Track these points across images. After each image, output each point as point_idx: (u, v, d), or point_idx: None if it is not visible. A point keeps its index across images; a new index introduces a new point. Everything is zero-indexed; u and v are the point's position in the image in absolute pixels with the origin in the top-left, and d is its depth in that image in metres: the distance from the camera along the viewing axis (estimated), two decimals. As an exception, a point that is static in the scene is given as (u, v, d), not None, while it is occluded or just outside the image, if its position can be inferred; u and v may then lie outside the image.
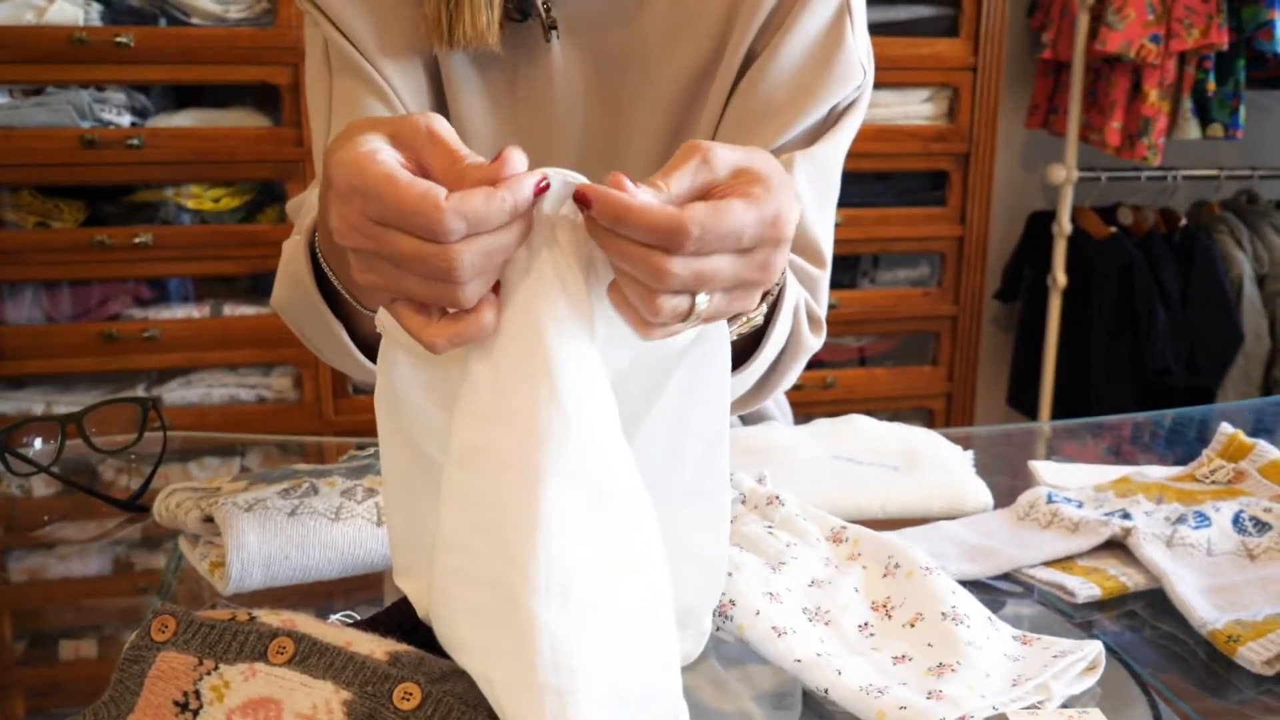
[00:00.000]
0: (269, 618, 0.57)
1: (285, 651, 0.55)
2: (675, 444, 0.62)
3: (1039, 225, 2.67)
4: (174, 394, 2.22)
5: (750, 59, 0.89)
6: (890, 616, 0.73)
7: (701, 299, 0.54)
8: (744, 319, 0.74)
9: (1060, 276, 2.56)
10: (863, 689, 0.64)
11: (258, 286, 2.25)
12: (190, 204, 2.17)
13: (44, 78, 2.10)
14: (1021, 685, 0.66)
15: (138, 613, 1.18)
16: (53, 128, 2.09)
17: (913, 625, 0.71)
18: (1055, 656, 0.68)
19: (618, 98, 0.93)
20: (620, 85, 0.93)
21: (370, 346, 0.79)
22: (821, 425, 1.07)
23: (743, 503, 0.84)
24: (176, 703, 0.55)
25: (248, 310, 2.20)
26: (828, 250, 0.91)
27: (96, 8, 2.11)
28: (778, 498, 0.83)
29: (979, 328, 2.52)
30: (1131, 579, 0.82)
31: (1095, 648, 0.69)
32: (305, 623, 0.57)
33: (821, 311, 0.91)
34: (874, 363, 2.57)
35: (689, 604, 0.66)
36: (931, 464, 0.99)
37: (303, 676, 0.53)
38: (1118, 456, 1.18)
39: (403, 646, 0.57)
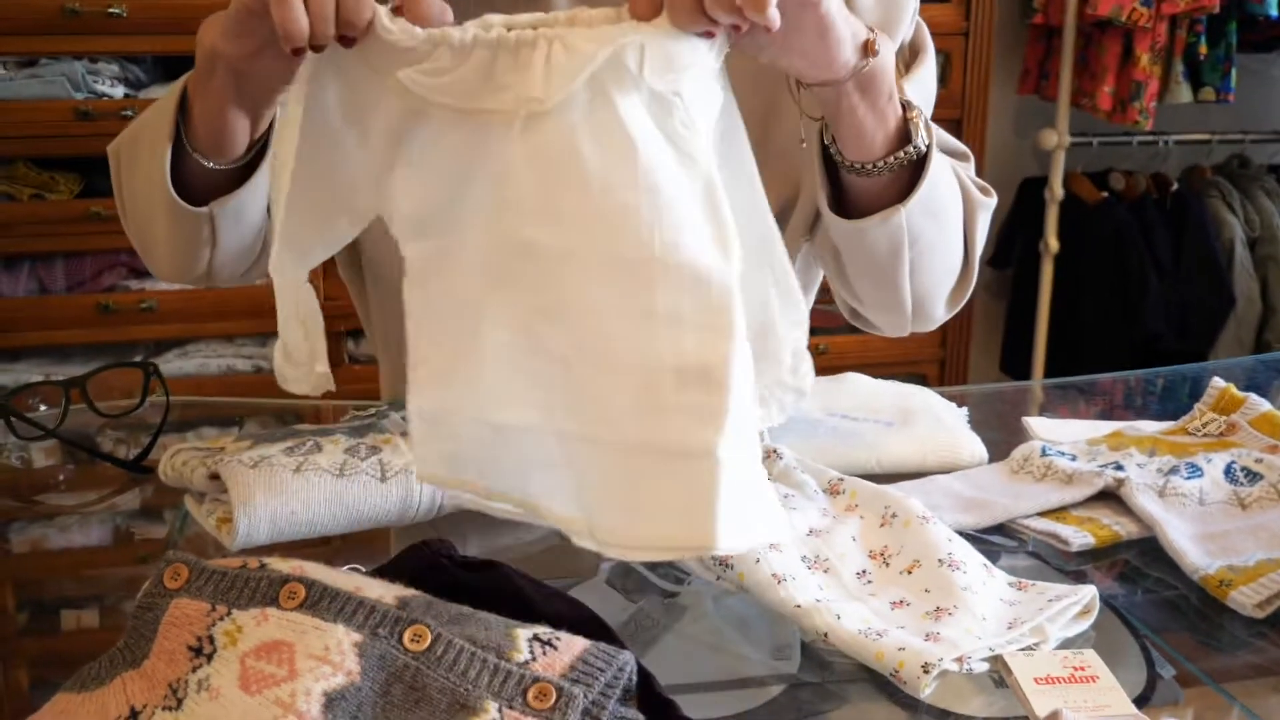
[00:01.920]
0: (279, 564, 0.58)
1: (296, 596, 0.56)
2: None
3: (1031, 191, 2.68)
4: (171, 365, 2.23)
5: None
6: (888, 564, 0.74)
7: None
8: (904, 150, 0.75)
9: (1052, 242, 2.57)
10: (861, 632, 0.65)
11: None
12: (184, 174, 2.17)
13: (37, 49, 2.09)
14: (1017, 628, 0.67)
15: (139, 582, 1.19)
16: (47, 100, 2.09)
17: (910, 572, 0.73)
18: (1050, 600, 0.70)
19: None
20: None
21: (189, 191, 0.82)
22: (818, 383, 1.07)
23: (742, 457, 0.85)
24: (190, 648, 0.56)
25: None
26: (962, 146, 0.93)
27: (88, -23, 2.10)
28: (775, 451, 0.85)
29: (976, 292, 2.53)
30: (1125, 528, 0.83)
31: (1089, 592, 0.71)
32: (315, 569, 0.59)
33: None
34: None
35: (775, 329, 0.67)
36: (926, 419, 1.00)
37: (314, 620, 0.55)
38: (1111, 414, 1.19)
39: (411, 591, 0.58)
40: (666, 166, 0.56)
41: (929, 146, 0.77)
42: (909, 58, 0.92)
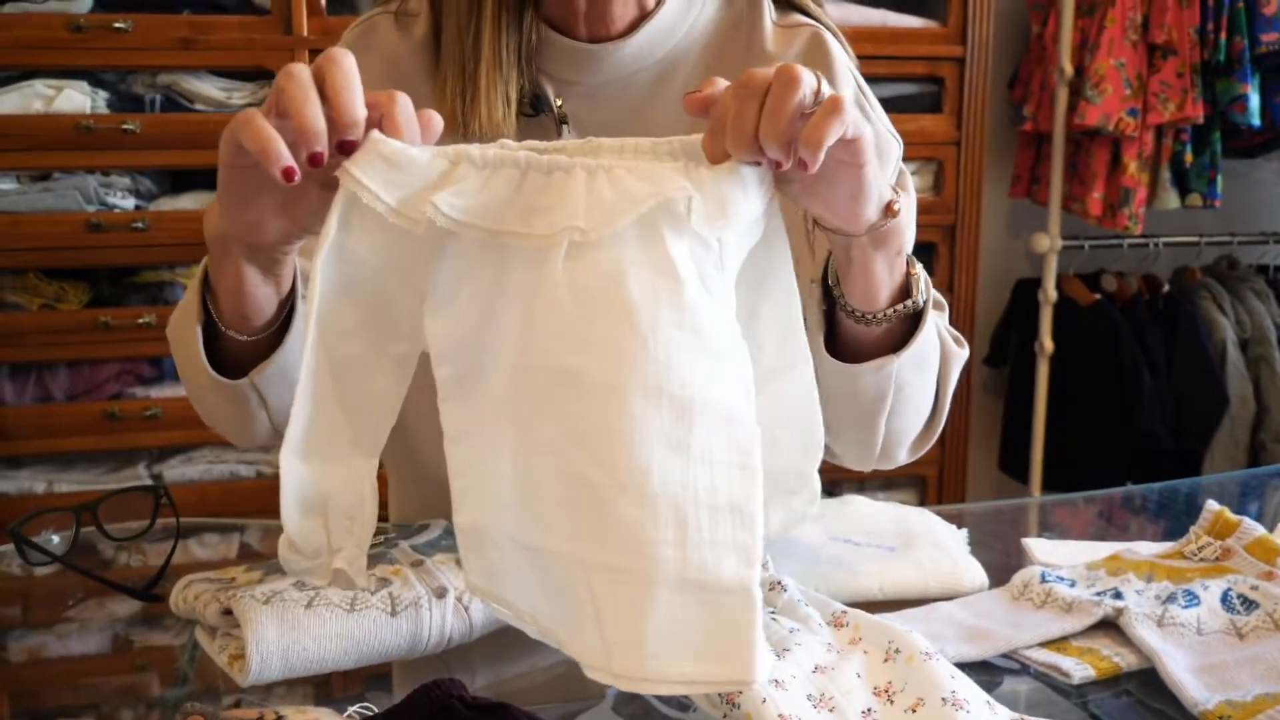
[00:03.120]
0: (296, 716, 0.59)
1: None
2: (751, 334, 0.64)
3: (1025, 292, 2.72)
4: (174, 471, 2.24)
5: None
6: (892, 702, 0.75)
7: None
8: (905, 302, 0.79)
9: (1047, 342, 2.60)
10: (868, 776, 0.66)
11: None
12: (193, 285, 2.21)
13: (51, 164, 2.15)
14: (1021, 769, 0.68)
15: (137, 691, 1.19)
16: (59, 213, 2.13)
17: (914, 710, 0.74)
18: (1052, 740, 0.71)
19: None
20: None
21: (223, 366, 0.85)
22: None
23: (746, 589, 0.86)
24: None
25: (249, 388, 2.23)
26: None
27: (103, 95, 2.16)
28: (779, 584, 0.86)
29: (969, 394, 2.56)
30: (1124, 659, 0.84)
31: (1090, 730, 0.72)
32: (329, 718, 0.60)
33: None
34: (867, 430, 2.60)
35: (794, 466, 0.70)
36: (927, 544, 1.01)
37: None
38: (1109, 525, 1.20)
39: None
40: (706, 306, 0.58)
41: (926, 301, 0.79)
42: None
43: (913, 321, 0.81)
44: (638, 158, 0.60)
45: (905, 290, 0.79)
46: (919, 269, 0.80)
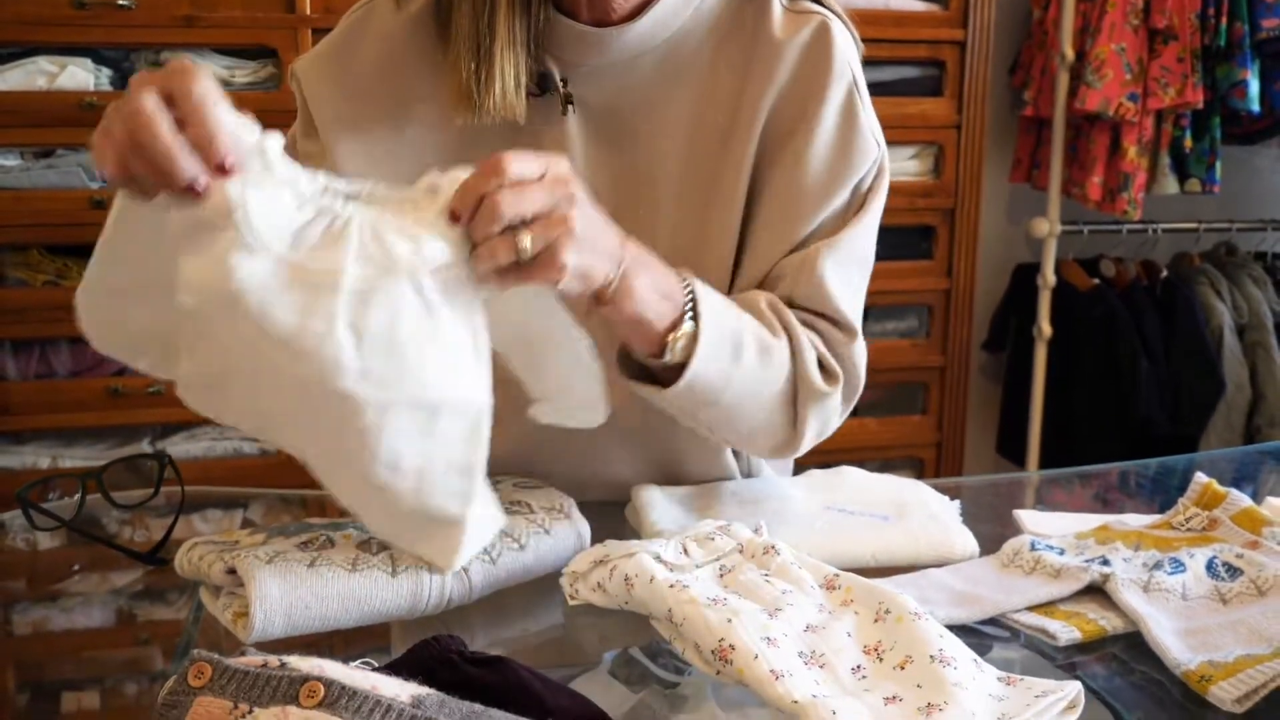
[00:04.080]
0: (300, 663, 0.61)
1: (315, 695, 0.58)
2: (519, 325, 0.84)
3: (1024, 277, 2.73)
4: (178, 447, 2.26)
5: (770, 139, 0.96)
6: (881, 659, 0.77)
7: (524, 239, 0.73)
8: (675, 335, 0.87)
9: (1045, 327, 2.62)
10: (856, 728, 0.68)
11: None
12: (196, 262, 2.23)
13: (54, 140, 2.16)
14: (1005, 723, 0.70)
15: (140, 664, 1.21)
16: (63, 189, 2.15)
17: (902, 667, 0.75)
18: (1037, 696, 0.72)
19: (634, 167, 0.98)
20: (635, 159, 0.98)
21: None
22: (814, 476, 1.11)
23: (740, 552, 0.88)
24: None
25: (251, 365, 2.24)
26: (855, 320, 0.99)
27: (106, 73, 2.17)
28: (774, 547, 0.88)
29: (967, 378, 2.58)
30: (1110, 622, 0.86)
31: (1075, 688, 0.73)
32: (333, 668, 0.61)
33: (839, 366, 0.99)
34: (864, 413, 2.62)
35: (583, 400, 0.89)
36: (920, 514, 1.03)
37: (332, 718, 0.57)
38: (1104, 505, 1.22)
39: (425, 690, 0.61)
40: (449, 323, 0.73)
41: (686, 363, 0.88)
42: (857, 205, 0.99)
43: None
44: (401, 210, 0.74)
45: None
46: (683, 331, 0.88)
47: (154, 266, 0.73)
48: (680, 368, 0.89)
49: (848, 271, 0.96)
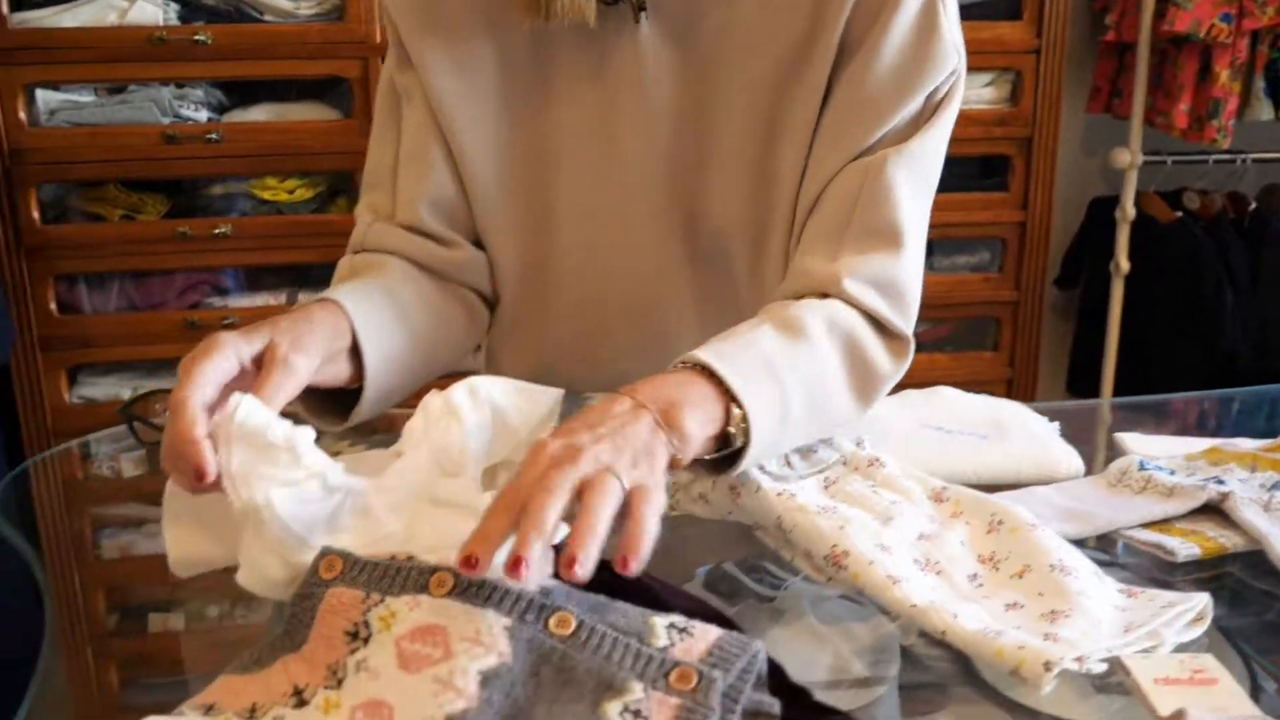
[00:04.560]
0: (427, 557, 0.61)
1: (445, 584, 0.59)
2: None
3: (1101, 211, 2.66)
4: (253, 381, 2.28)
5: (845, 46, 0.92)
6: (998, 569, 0.75)
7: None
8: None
9: (1123, 262, 2.55)
10: (980, 631, 0.66)
11: (330, 275, 2.29)
12: (266, 195, 2.23)
13: (126, 76, 2.17)
14: (1134, 631, 0.68)
15: (224, 588, 1.23)
16: (136, 124, 2.16)
17: (1020, 576, 0.73)
18: (1164, 607, 0.70)
19: (706, 79, 0.95)
20: (708, 67, 0.95)
21: None
22: (910, 396, 1.09)
23: (844, 464, 0.86)
24: (347, 633, 0.59)
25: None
26: (916, 239, 0.93)
27: (175, 7, 2.17)
28: (878, 460, 0.86)
29: (1040, 314, 2.52)
30: (1230, 540, 0.83)
31: (1203, 599, 0.71)
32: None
33: (903, 323, 0.91)
34: (934, 347, 2.58)
35: None
36: (1020, 432, 1.00)
37: (464, 605, 0.57)
38: (1200, 431, 1.18)
39: (550, 580, 0.60)
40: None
41: (743, 446, 0.77)
42: (928, 114, 0.93)
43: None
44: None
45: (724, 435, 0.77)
46: (736, 415, 0.77)
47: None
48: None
49: (915, 182, 0.92)
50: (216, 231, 2.18)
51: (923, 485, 0.84)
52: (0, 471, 2.11)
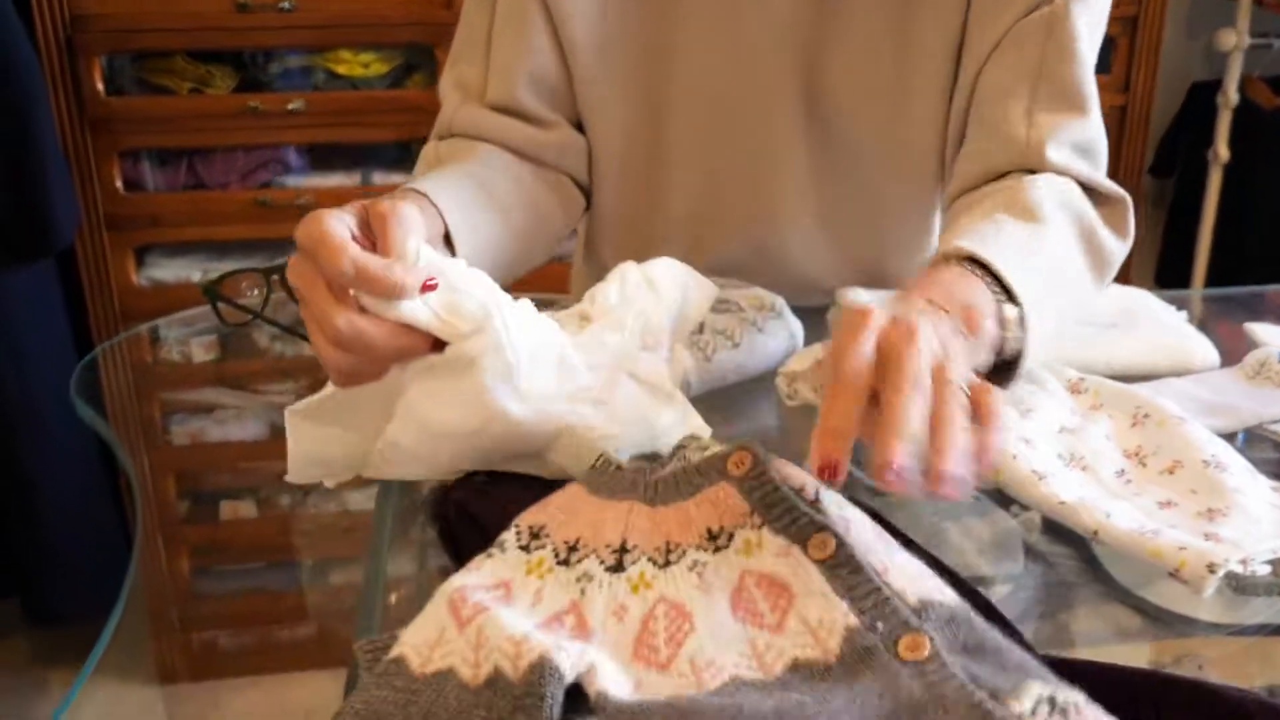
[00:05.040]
0: (832, 508, 0.56)
1: (824, 549, 0.53)
2: None
3: (1201, 96, 2.53)
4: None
5: None
6: (1145, 465, 0.71)
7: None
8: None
9: (1223, 149, 2.43)
10: (1135, 530, 0.63)
11: (407, 154, 2.25)
12: (340, 69, 2.18)
13: (193, -59, 2.10)
14: (1297, 533, 0.64)
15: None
16: (205, -8, 2.10)
17: (1171, 472, 0.70)
18: (1326, 507, 0.66)
19: None
20: None
21: None
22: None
23: (973, 353, 0.82)
24: (710, 530, 0.56)
25: (397, 178, 2.20)
26: (1097, 93, 0.87)
27: None
28: (1009, 348, 0.81)
29: (1139, 202, 2.42)
30: (1384, 438, 0.79)
31: (1368, 499, 0.67)
32: (860, 523, 0.55)
33: (1113, 186, 0.85)
34: (1020, 238, 2.49)
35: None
36: (1150, 321, 0.95)
37: (825, 585, 0.52)
38: None
39: (943, 597, 0.51)
40: None
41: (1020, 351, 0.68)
42: None
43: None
44: None
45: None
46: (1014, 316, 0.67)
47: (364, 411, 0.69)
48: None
49: (1093, 31, 0.85)
50: (290, 107, 2.14)
51: (1057, 376, 0.80)
52: (69, 355, 2.14)
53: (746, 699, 0.47)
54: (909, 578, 0.52)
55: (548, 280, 1.04)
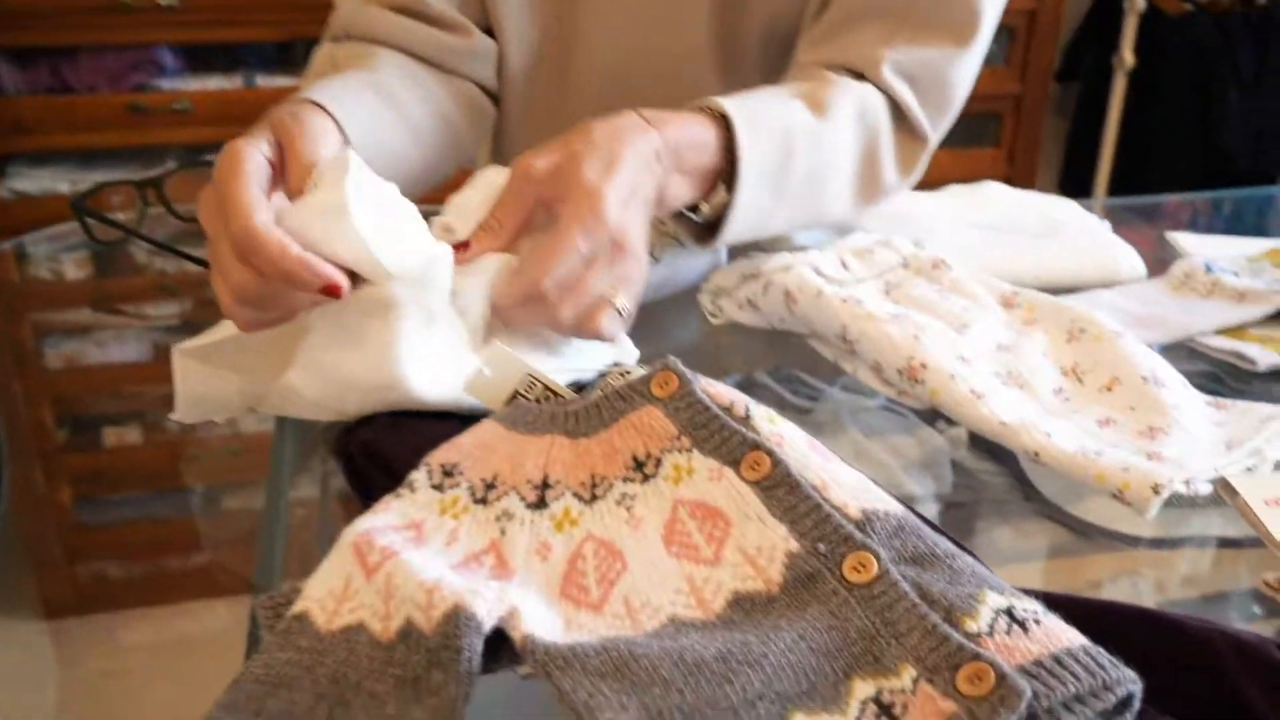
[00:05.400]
0: (764, 424, 0.52)
1: (758, 469, 0.49)
2: None
3: (1108, 1, 2.53)
4: (209, 171, 2.13)
5: None
6: (1082, 382, 0.69)
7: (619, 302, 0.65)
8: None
9: (1128, 56, 2.44)
10: (1078, 451, 0.60)
11: (290, 54, 2.12)
12: (217, -37, 2.03)
13: None
14: (1237, 449, 0.62)
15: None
16: None
17: (1109, 389, 0.67)
18: (1264, 420, 0.65)
19: None
20: None
21: None
22: (955, 192, 1.01)
23: (904, 266, 0.79)
24: (636, 458, 0.52)
25: (282, 81, 2.08)
26: (988, 33, 0.83)
27: None
28: (943, 262, 0.78)
29: (1044, 109, 2.42)
30: (1311, 347, 0.78)
31: (1304, 412, 0.66)
32: (793, 437, 0.52)
33: (932, 128, 0.84)
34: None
35: None
36: (1076, 231, 0.93)
37: (761, 507, 0.48)
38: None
39: (887, 507, 0.48)
40: None
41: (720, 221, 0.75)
42: None
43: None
44: None
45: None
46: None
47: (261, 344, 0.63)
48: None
49: None
50: (162, 3, 1.98)
51: (990, 289, 0.77)
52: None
53: (688, 642, 0.43)
54: (850, 491, 0.49)
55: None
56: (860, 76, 0.80)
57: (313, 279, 0.56)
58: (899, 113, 0.81)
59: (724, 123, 0.72)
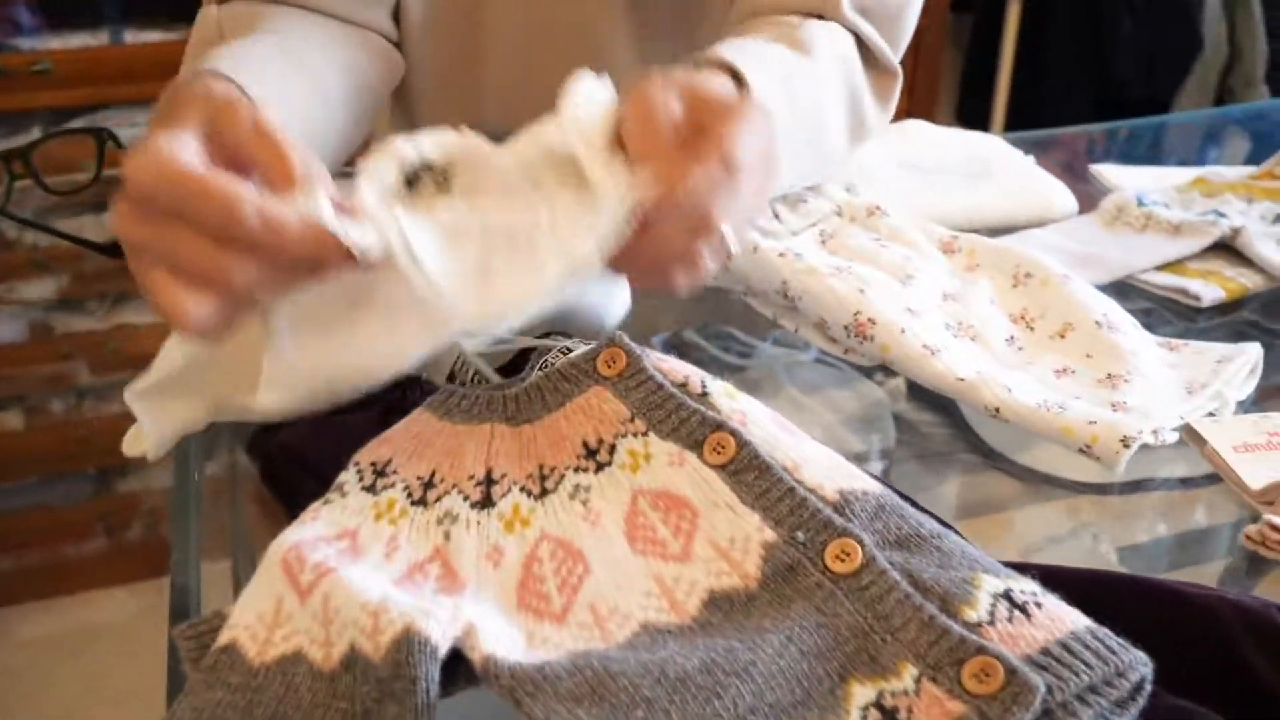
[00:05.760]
0: (723, 400, 0.48)
1: (723, 451, 0.45)
2: None
3: (998, -71, 2.52)
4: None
5: None
6: (1033, 329, 0.66)
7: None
8: None
9: (1020, -16, 2.44)
10: (1040, 405, 0.58)
11: (161, 6, 1.99)
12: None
13: None
14: (1198, 394, 0.61)
15: (65, 380, 1.04)
16: None
17: (1063, 336, 0.65)
18: (1219, 361, 0.63)
19: None
20: None
21: None
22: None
23: (839, 215, 0.75)
24: (587, 445, 0.47)
25: (153, 36, 1.95)
26: None
27: None
28: (879, 208, 0.75)
29: (943, 41, 2.40)
30: (1250, 279, 0.77)
31: (1255, 350, 0.64)
32: (757, 420, 0.48)
33: (895, 60, 0.80)
34: (825, 83, 2.45)
35: None
36: (1005, 169, 0.91)
37: (731, 495, 0.44)
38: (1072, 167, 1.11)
39: (865, 485, 0.45)
40: None
41: None
42: None
43: None
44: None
45: None
46: None
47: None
48: None
49: None
50: (11, -46, 1.84)
51: (928, 235, 0.74)
52: None
53: (666, 654, 0.39)
54: (824, 470, 0.45)
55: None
56: (819, 18, 0.76)
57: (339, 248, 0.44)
58: (865, 49, 0.77)
59: (734, 76, 0.63)
